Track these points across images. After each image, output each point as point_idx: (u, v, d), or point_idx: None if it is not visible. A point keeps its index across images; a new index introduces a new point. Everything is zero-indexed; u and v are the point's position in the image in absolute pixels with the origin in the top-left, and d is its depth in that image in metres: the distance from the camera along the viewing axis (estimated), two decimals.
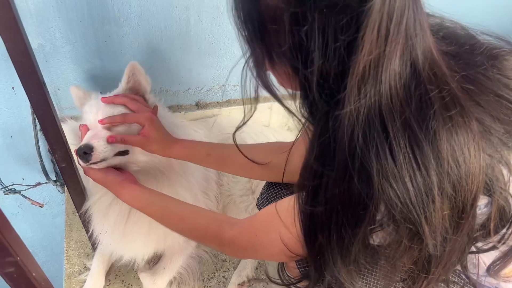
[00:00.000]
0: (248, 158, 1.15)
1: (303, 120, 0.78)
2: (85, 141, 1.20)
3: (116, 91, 1.37)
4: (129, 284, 1.63)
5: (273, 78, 0.82)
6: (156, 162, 1.33)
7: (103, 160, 1.19)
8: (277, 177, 1.25)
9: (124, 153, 1.27)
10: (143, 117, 1.27)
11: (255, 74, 0.79)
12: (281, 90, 0.82)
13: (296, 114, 0.80)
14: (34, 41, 1.49)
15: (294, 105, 0.81)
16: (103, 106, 1.29)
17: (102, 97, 1.32)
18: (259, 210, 1.46)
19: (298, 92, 0.78)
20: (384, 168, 0.66)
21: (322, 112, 0.72)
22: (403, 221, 0.68)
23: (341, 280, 0.79)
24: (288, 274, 1.01)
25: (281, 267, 1.04)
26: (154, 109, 1.36)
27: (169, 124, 1.39)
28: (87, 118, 1.30)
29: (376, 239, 0.76)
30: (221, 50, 1.73)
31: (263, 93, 0.81)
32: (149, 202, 1.14)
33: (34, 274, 0.85)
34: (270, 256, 1.05)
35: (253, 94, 0.83)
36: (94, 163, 1.18)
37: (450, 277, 0.88)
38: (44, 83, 1.10)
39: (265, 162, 1.22)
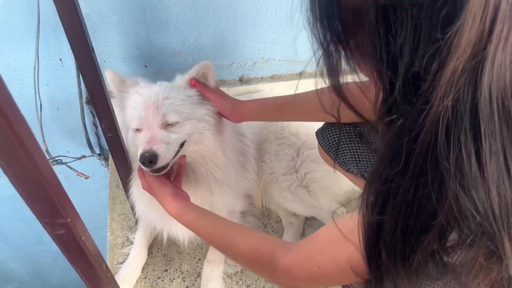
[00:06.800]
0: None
1: (380, 123, 0.69)
2: (146, 146, 1.16)
3: (176, 82, 1.31)
4: (170, 258, 1.62)
5: None
6: (204, 150, 1.33)
7: (167, 164, 1.19)
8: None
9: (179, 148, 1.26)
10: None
11: (328, 81, 0.71)
12: None
13: (371, 121, 0.72)
14: (82, 10, 1.48)
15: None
16: (153, 101, 1.22)
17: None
18: (318, 140, 1.42)
19: None
20: (465, 174, 0.57)
21: (403, 113, 0.63)
22: (480, 235, 0.59)
23: None
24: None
25: None
26: None
27: None
28: (135, 115, 1.22)
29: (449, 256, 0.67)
30: (268, 22, 1.68)
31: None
32: (198, 217, 1.12)
33: (83, 238, 0.84)
34: (340, 282, 0.94)
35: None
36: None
37: None
38: (92, 48, 1.08)
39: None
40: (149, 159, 1.13)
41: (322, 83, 0.74)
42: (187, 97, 1.28)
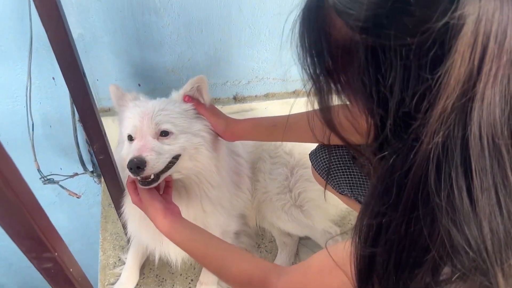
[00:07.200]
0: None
1: (372, 158, 0.69)
2: (136, 153, 1.14)
3: (172, 97, 1.34)
4: (163, 278, 1.61)
5: None
6: (199, 168, 1.31)
7: (154, 174, 1.16)
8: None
9: (172, 161, 1.23)
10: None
11: (319, 115, 0.72)
12: None
13: (364, 153, 0.73)
14: (75, 31, 1.48)
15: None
16: (149, 111, 1.24)
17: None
18: (311, 162, 1.41)
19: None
20: (456, 210, 0.57)
21: (394, 149, 0.63)
22: (473, 270, 0.59)
23: None
24: None
25: None
26: None
27: None
28: (130, 124, 1.24)
29: None
30: (262, 42, 1.68)
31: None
32: (189, 238, 1.09)
33: (71, 269, 0.83)
34: None
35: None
36: (146, 180, 1.15)
37: None
38: (84, 74, 1.08)
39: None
40: (137, 164, 1.11)
41: (313, 110, 0.74)
42: (183, 110, 1.29)
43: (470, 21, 0.51)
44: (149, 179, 1.16)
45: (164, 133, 1.22)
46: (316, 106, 0.73)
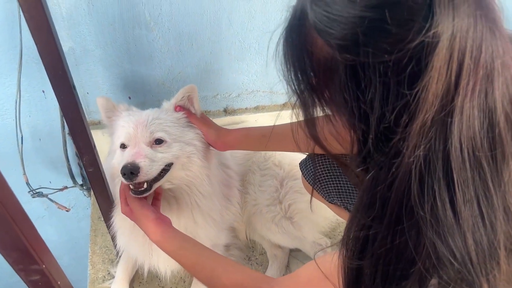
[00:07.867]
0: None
1: (357, 170, 0.70)
2: (130, 159, 1.16)
3: (163, 106, 1.36)
4: None
5: None
6: (190, 177, 1.32)
7: (147, 180, 1.17)
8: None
9: (165, 169, 1.24)
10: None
11: (305, 131, 0.75)
12: None
13: (351, 166, 0.75)
14: (65, 44, 1.49)
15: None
16: (143, 120, 1.26)
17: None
18: (301, 171, 1.42)
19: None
20: (440, 222, 0.59)
21: (377, 162, 0.65)
22: (459, 282, 0.60)
23: None
24: None
25: None
26: None
27: None
28: (123, 132, 1.25)
29: None
30: (251, 55, 1.71)
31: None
32: (181, 247, 1.10)
33: (59, 282, 0.83)
34: None
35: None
36: (139, 189, 1.16)
37: None
38: (74, 87, 1.08)
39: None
40: (130, 170, 1.12)
41: (297, 122, 0.76)
42: (175, 119, 1.32)
43: (444, 39, 0.53)
44: (142, 188, 1.17)
45: (158, 141, 1.24)
46: (301, 118, 0.75)
